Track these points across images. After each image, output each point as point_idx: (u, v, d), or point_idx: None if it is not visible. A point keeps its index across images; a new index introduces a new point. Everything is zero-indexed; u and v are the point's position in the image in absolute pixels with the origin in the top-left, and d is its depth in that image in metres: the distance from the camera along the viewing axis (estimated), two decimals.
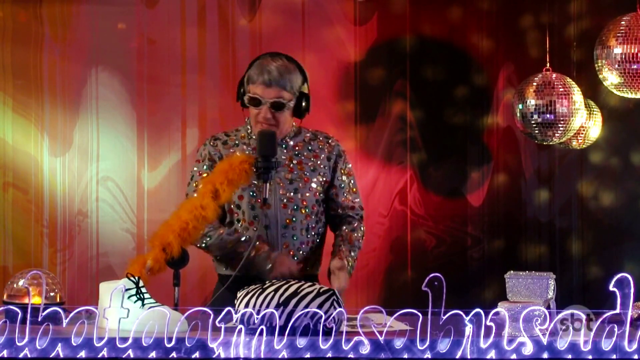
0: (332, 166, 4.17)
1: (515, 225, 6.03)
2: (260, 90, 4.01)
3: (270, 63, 4.02)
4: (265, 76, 4.00)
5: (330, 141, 4.21)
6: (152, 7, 5.86)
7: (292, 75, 4.04)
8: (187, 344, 3.09)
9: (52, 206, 5.78)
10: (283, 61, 4.05)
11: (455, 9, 6.01)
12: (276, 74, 4.00)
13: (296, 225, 4.09)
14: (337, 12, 5.95)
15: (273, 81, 4.00)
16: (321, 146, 4.19)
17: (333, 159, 4.18)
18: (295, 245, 4.09)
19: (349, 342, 3.11)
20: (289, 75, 4.03)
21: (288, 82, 4.02)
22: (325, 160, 4.17)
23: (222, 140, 4.14)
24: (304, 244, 4.11)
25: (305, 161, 4.13)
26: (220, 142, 4.13)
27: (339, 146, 4.22)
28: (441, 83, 6.02)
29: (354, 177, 4.25)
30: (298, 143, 4.15)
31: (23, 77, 5.78)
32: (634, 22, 4.64)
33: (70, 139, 5.80)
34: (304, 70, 4.11)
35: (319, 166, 4.15)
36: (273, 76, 4.00)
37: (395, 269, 5.97)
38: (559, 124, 5.02)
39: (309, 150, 4.16)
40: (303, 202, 4.08)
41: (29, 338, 3.09)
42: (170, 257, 3.67)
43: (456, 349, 3.12)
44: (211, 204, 3.75)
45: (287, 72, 4.03)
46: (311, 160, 4.14)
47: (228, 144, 4.12)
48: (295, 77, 4.05)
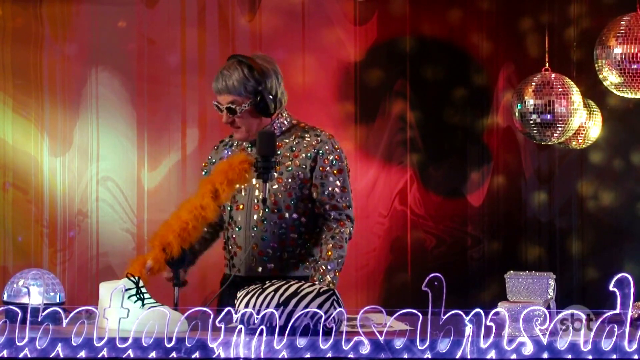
0: (310, 165, 4.06)
1: (515, 225, 6.03)
2: (217, 97, 4.05)
3: (223, 69, 4.03)
4: (214, 83, 4.03)
5: (319, 138, 4.09)
6: (152, 7, 5.86)
7: (232, 75, 4.01)
8: (187, 344, 3.09)
9: (52, 206, 5.78)
10: (230, 63, 4.04)
11: (455, 10, 6.01)
12: (223, 80, 4.01)
13: (267, 226, 4.06)
14: (337, 12, 5.95)
15: (222, 87, 4.01)
16: (306, 144, 4.08)
17: (313, 157, 4.05)
18: (265, 246, 4.06)
19: (349, 342, 3.11)
20: (229, 77, 4.01)
21: (236, 86, 4.00)
22: (305, 159, 4.05)
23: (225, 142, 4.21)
24: (276, 244, 4.05)
25: (283, 160, 4.05)
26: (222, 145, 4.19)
27: (327, 143, 4.08)
28: (441, 83, 6.02)
29: (343, 175, 4.09)
30: (283, 141, 4.13)
31: (23, 77, 5.78)
32: (634, 22, 4.64)
33: (70, 139, 5.80)
34: (265, 68, 4.03)
35: (295, 165, 4.05)
36: (220, 82, 4.02)
37: (395, 269, 5.97)
38: (558, 124, 5.02)
39: (291, 149, 4.08)
40: (275, 203, 4.04)
41: (29, 338, 3.09)
42: (170, 257, 3.67)
43: (456, 349, 3.12)
44: (211, 204, 3.75)
45: (227, 74, 4.01)
46: (290, 159, 4.06)
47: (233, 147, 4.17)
48: (246, 80, 4.01)
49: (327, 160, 4.07)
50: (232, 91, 4.01)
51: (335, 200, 4.06)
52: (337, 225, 4.07)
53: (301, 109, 5.80)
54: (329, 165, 4.07)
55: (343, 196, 4.08)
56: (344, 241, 4.07)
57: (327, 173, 4.06)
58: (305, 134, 4.10)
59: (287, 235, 4.06)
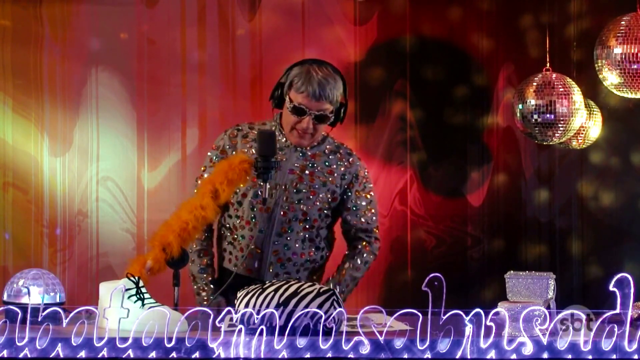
0: (345, 186, 4.14)
1: (515, 225, 6.03)
2: (307, 101, 3.97)
3: (317, 73, 3.97)
4: (312, 87, 3.95)
5: (351, 159, 4.17)
6: (152, 7, 5.86)
7: (336, 86, 4.01)
8: (187, 344, 3.10)
9: (52, 206, 5.78)
10: (329, 71, 4.01)
11: (455, 9, 6.01)
12: (323, 86, 3.96)
13: (291, 235, 4.06)
14: (337, 12, 5.95)
15: (320, 93, 3.96)
16: (339, 162, 4.15)
17: (348, 178, 4.14)
18: (287, 255, 4.07)
19: (349, 342, 3.11)
20: (334, 87, 4.00)
21: (332, 93, 3.99)
22: (339, 179, 4.13)
23: (244, 132, 4.12)
24: (297, 256, 4.08)
25: (317, 174, 4.09)
26: (241, 135, 4.12)
27: (357, 166, 4.17)
28: (441, 83, 6.01)
29: (373, 198, 4.20)
30: (316, 153, 4.12)
31: (23, 77, 5.78)
32: (634, 22, 4.64)
33: (70, 139, 5.80)
34: (344, 78, 4.09)
35: (331, 182, 4.11)
36: (321, 88, 3.96)
37: (395, 269, 5.97)
38: (559, 124, 5.01)
39: (326, 164, 4.12)
40: (304, 215, 4.06)
41: (29, 338, 3.09)
42: (170, 257, 3.67)
43: (456, 349, 3.12)
44: (211, 204, 3.75)
45: (332, 84, 3.99)
46: (324, 175, 4.10)
47: (248, 138, 4.11)
48: (338, 88, 4.03)
49: (360, 185, 4.15)
50: (333, 101, 4.01)
51: (366, 224, 4.18)
52: (363, 247, 4.20)
53: None
54: (363, 190, 4.16)
55: (373, 219, 4.21)
56: (363, 264, 4.19)
57: (361, 198, 4.15)
58: (337, 150, 4.17)
59: (308, 247, 4.08)
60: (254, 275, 4.05)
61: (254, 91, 5.85)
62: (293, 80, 4.00)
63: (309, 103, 3.97)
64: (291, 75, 4.01)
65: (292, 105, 3.99)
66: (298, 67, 4.01)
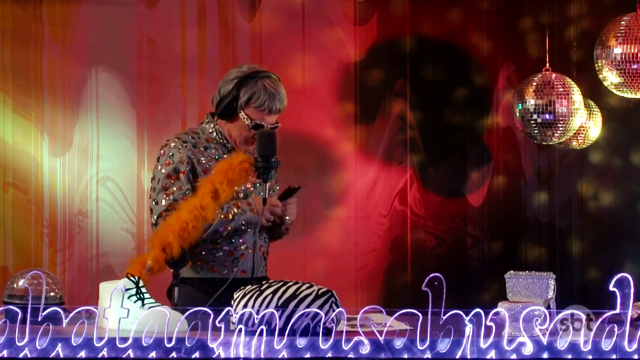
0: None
1: (515, 225, 6.03)
2: (268, 118, 4.03)
3: (272, 88, 4.02)
4: (273, 105, 4.00)
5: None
6: (152, 7, 5.86)
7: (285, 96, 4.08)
8: (187, 344, 3.09)
9: (52, 206, 5.78)
10: (278, 83, 4.06)
11: (455, 10, 6.01)
12: (281, 101, 4.03)
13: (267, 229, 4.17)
14: (337, 12, 5.95)
15: (279, 108, 4.04)
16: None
17: None
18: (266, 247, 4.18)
19: (349, 342, 3.11)
20: (284, 98, 4.07)
21: (283, 105, 4.07)
22: None
23: (191, 143, 4.08)
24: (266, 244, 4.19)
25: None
26: (190, 145, 4.09)
27: None
28: (441, 83, 6.02)
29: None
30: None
31: (23, 77, 5.78)
32: (634, 22, 4.64)
33: (70, 139, 5.80)
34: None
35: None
36: (279, 103, 4.03)
37: (395, 269, 5.97)
38: (559, 124, 5.01)
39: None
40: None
41: (29, 338, 3.09)
42: (170, 257, 3.66)
43: (456, 349, 3.12)
44: (211, 204, 3.74)
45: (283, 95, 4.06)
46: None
47: (198, 147, 4.10)
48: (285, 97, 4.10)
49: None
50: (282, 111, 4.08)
51: None
52: None
53: (301, 109, 5.82)
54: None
55: None
56: None
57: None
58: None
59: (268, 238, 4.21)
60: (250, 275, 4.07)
61: None
62: (251, 97, 4.01)
63: (270, 118, 4.04)
64: (247, 91, 4.02)
65: (252, 123, 4.03)
66: (252, 83, 4.02)
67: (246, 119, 4.02)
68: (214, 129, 4.12)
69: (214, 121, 4.13)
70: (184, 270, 3.95)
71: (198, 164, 4.02)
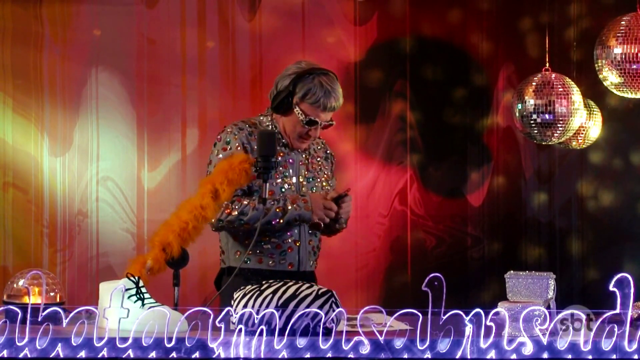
0: (329, 166, 4.29)
1: (515, 225, 6.03)
2: (323, 115, 4.06)
3: (328, 85, 4.05)
4: (328, 102, 4.04)
5: (322, 142, 4.32)
6: (152, 7, 5.86)
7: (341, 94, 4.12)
8: (187, 344, 3.10)
9: (52, 206, 5.78)
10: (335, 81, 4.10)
11: (455, 10, 6.01)
12: (336, 99, 4.07)
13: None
14: (337, 12, 5.95)
15: (334, 106, 4.08)
16: (316, 147, 4.28)
17: (330, 158, 4.32)
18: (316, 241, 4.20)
19: (349, 342, 3.11)
20: (340, 96, 4.11)
21: (339, 103, 4.11)
22: (324, 160, 4.27)
23: (247, 131, 4.13)
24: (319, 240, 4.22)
25: (315, 161, 4.23)
26: (246, 132, 4.12)
27: (324, 143, 4.34)
28: (441, 83, 6.02)
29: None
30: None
31: (23, 77, 5.78)
32: (634, 22, 4.64)
33: (70, 139, 5.80)
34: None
35: (322, 166, 4.24)
36: (335, 101, 4.07)
37: (395, 269, 5.97)
38: (558, 124, 5.01)
39: (313, 151, 4.26)
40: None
41: (29, 338, 3.09)
42: (170, 257, 3.66)
43: (456, 349, 3.12)
44: (211, 204, 3.75)
45: (340, 93, 4.10)
46: (317, 160, 4.23)
47: (253, 136, 4.12)
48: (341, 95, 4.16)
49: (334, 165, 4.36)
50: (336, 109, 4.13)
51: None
52: None
53: None
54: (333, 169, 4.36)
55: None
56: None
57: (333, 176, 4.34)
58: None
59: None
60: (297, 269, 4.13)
61: (254, 91, 5.85)
62: (307, 93, 4.04)
63: (325, 116, 4.08)
64: (303, 87, 4.05)
65: (307, 119, 4.06)
66: (309, 79, 4.05)
67: (301, 114, 4.06)
68: (270, 122, 4.16)
69: (271, 115, 4.15)
70: (231, 260, 4.06)
71: (251, 152, 4.03)
